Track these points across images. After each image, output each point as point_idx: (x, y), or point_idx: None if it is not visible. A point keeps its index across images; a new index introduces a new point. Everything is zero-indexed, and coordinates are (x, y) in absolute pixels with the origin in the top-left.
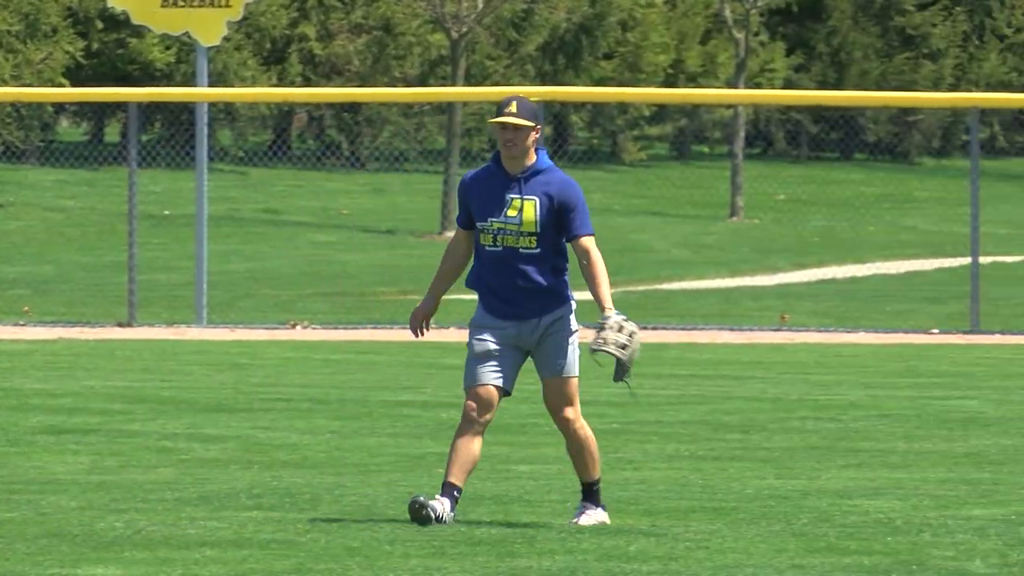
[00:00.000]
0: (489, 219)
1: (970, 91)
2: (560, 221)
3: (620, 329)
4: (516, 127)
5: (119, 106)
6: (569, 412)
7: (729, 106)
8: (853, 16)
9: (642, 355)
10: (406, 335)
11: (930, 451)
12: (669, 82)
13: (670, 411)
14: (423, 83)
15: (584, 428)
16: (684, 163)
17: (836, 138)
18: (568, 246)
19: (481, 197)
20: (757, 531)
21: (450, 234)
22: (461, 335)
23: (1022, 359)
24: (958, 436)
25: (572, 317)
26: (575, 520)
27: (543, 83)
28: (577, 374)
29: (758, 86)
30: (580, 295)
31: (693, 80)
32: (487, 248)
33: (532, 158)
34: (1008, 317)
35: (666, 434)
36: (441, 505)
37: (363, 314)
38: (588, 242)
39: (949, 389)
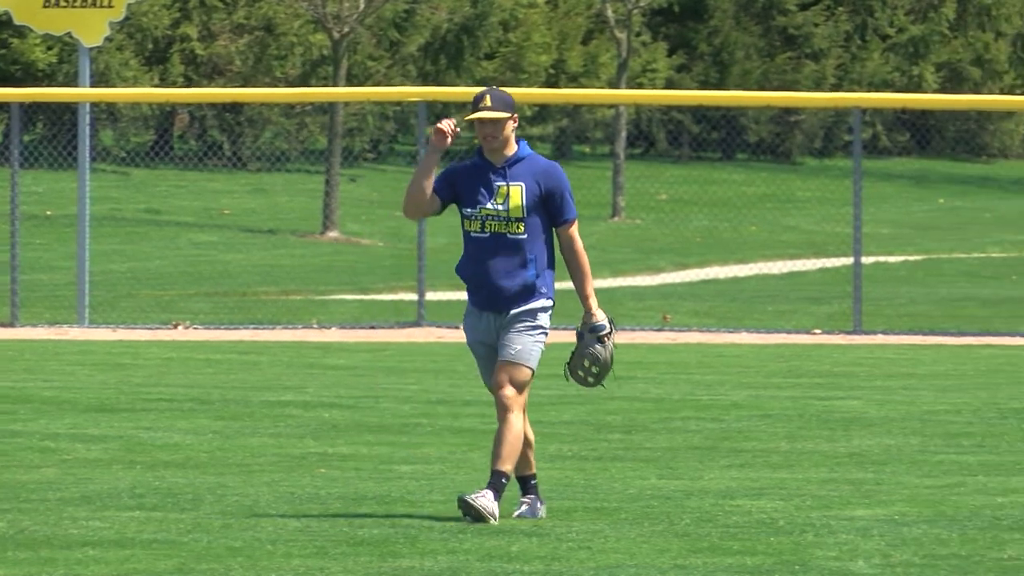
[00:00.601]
0: (477, 206)
1: (852, 91)
2: (547, 205)
3: (604, 342)
4: (494, 120)
5: (1, 106)
6: (508, 391)
7: (611, 106)
8: (735, 16)
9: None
10: (288, 335)
11: (812, 451)
12: (551, 82)
13: (552, 411)
14: (305, 83)
15: (519, 419)
16: (566, 163)
17: (718, 138)
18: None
19: (469, 186)
20: (640, 531)
21: (332, 234)
22: (343, 335)
23: (904, 359)
24: (840, 436)
25: (546, 316)
26: (470, 496)
27: (425, 83)
28: (532, 367)
29: (640, 86)
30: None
31: (575, 80)
32: (473, 235)
33: (513, 147)
34: (890, 317)
35: (548, 434)
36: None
37: (245, 314)
38: (573, 229)
39: (831, 389)
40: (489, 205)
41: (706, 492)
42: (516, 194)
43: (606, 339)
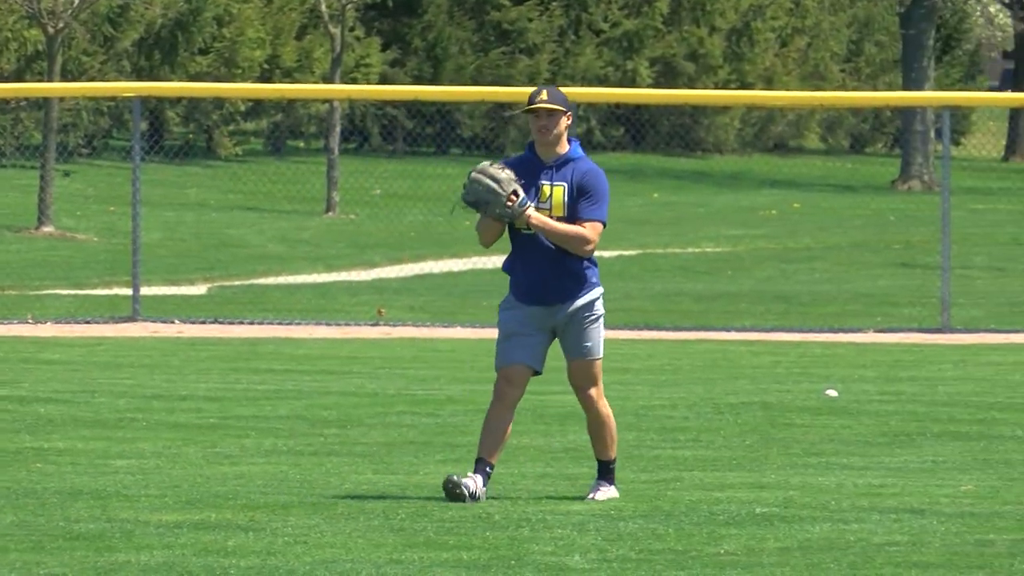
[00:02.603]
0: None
1: (566, 86)
2: (577, 204)
3: (494, 179)
4: (549, 112)
5: None
6: (593, 391)
7: (325, 101)
8: (449, 11)
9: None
10: (3, 330)
11: (528, 446)
12: (265, 77)
13: (267, 406)
14: (19, 78)
15: (606, 407)
16: (280, 158)
17: (432, 133)
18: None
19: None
20: (356, 526)
21: (47, 229)
22: (58, 330)
23: (619, 354)
24: (556, 431)
25: (599, 302)
26: (591, 495)
27: (139, 78)
28: (601, 356)
29: (354, 81)
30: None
31: (289, 75)
32: (522, 231)
33: (565, 147)
34: (611, 311)
35: (264, 429)
36: (474, 482)
37: None
38: (592, 226)
39: (546, 384)
40: (534, 203)
41: (422, 487)
42: (559, 194)
43: (511, 197)
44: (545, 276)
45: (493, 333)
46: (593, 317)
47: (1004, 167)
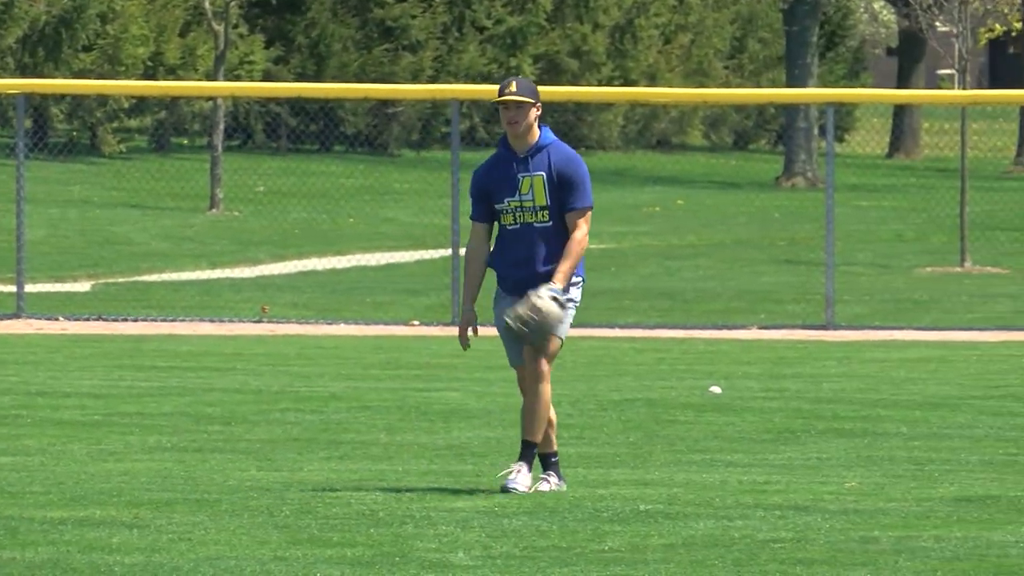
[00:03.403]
0: (506, 199)
1: (450, 83)
2: (560, 192)
3: (532, 307)
4: (518, 104)
5: None
6: (543, 364)
7: (209, 98)
8: (332, 8)
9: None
10: None
11: (412, 443)
12: (149, 74)
13: (152, 403)
14: None
15: (548, 388)
16: (164, 155)
17: (316, 130)
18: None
19: (496, 181)
20: (240, 523)
21: None
22: None
23: (502, 351)
24: (440, 428)
25: (578, 290)
26: (509, 484)
27: (23, 76)
28: (563, 337)
29: (238, 78)
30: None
31: (173, 72)
32: (508, 227)
33: (536, 135)
34: (487, 308)
35: (148, 426)
36: (548, 482)
37: None
38: (581, 216)
39: (430, 381)
40: (516, 197)
41: (306, 484)
42: (539, 183)
43: (553, 300)
44: (528, 272)
45: (377, 330)
46: (569, 301)
47: (888, 164)
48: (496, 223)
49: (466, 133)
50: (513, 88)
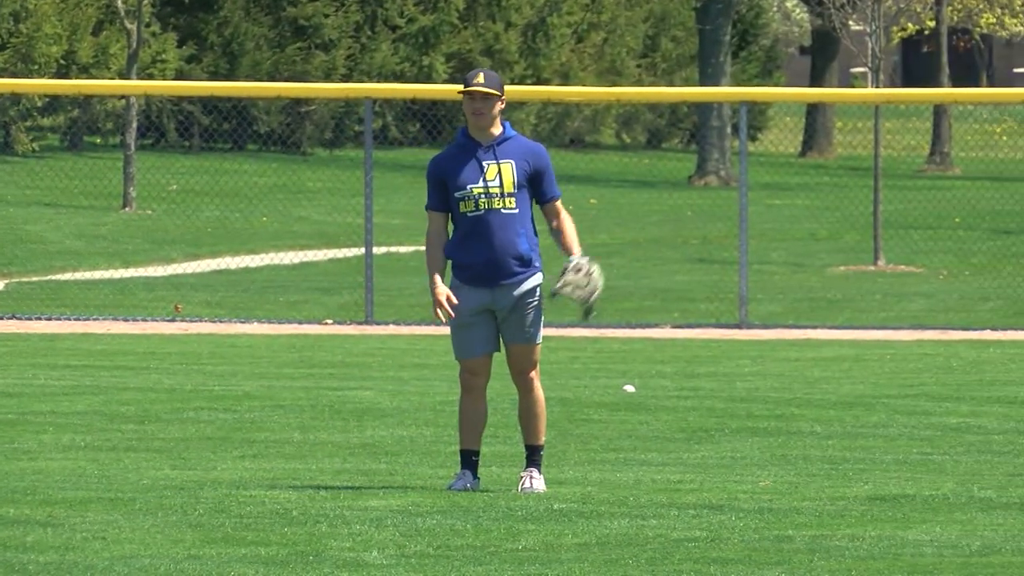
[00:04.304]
0: (469, 186)
1: (362, 81)
2: (533, 183)
3: (579, 270)
4: (484, 96)
5: None
6: (533, 374)
7: (121, 97)
8: (245, 7)
9: (598, 291)
10: None
11: (325, 441)
12: (62, 73)
13: (65, 401)
14: None
15: (541, 391)
16: (77, 154)
17: (228, 128)
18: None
19: (456, 169)
20: (154, 521)
21: None
22: None
23: (417, 350)
24: (353, 427)
25: (539, 288)
26: (526, 486)
27: None
28: (540, 340)
29: (150, 77)
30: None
31: (86, 71)
32: (468, 215)
33: (499, 127)
34: (401, 307)
35: (62, 424)
36: (463, 481)
37: None
38: (559, 204)
39: (343, 380)
40: (480, 183)
41: (219, 482)
42: (508, 171)
43: (568, 269)
44: (491, 257)
45: (290, 329)
46: (535, 303)
47: (801, 163)
48: (451, 213)
49: (379, 132)
50: (481, 80)
